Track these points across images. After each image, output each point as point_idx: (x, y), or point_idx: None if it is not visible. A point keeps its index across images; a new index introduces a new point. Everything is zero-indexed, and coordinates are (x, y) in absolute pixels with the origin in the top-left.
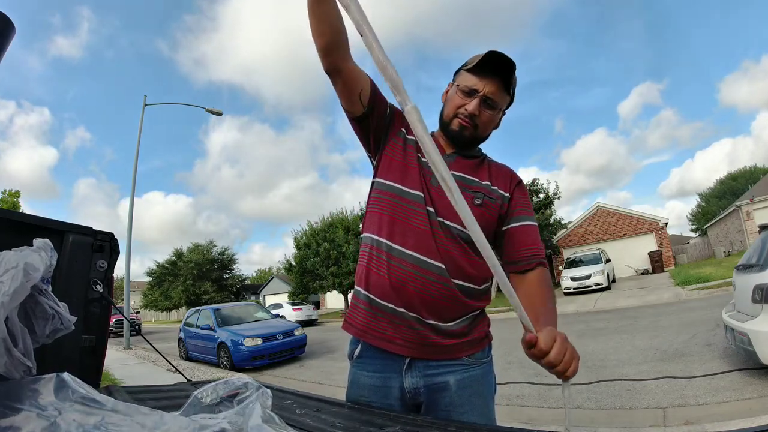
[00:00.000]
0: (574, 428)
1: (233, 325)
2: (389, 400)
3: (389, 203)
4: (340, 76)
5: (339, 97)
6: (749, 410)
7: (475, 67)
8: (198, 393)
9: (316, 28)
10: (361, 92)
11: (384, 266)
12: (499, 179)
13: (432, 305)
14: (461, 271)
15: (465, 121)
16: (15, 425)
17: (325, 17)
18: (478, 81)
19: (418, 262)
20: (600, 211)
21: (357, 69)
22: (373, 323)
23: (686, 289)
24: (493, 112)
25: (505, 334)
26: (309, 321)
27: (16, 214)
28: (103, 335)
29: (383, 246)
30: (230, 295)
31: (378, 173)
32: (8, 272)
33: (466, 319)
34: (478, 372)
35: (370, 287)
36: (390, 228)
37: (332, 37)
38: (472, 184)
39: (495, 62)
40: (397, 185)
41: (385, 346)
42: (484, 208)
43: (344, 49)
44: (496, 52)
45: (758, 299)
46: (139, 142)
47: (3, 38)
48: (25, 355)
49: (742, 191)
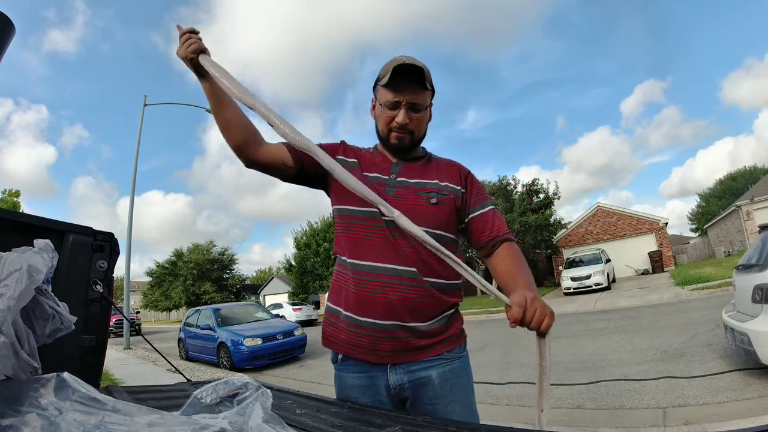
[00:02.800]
0: (574, 428)
1: (233, 325)
2: (378, 397)
3: (348, 225)
4: (259, 163)
5: (272, 176)
6: (749, 410)
7: (388, 83)
8: (198, 393)
9: (225, 132)
10: (283, 161)
11: (359, 284)
12: (448, 175)
13: (412, 308)
14: (432, 270)
15: (399, 132)
16: (16, 425)
17: (229, 121)
18: (396, 94)
19: (390, 271)
20: (600, 211)
21: (270, 147)
22: (355, 339)
23: (686, 289)
24: (421, 113)
25: (504, 334)
26: (309, 321)
27: (17, 214)
28: (103, 335)
29: (353, 266)
30: (230, 295)
31: (332, 202)
32: (12, 275)
33: (442, 318)
34: (458, 365)
35: (349, 305)
36: (355, 247)
37: (241, 137)
38: (424, 185)
39: (404, 73)
40: (350, 207)
41: (370, 359)
42: (440, 205)
43: (254, 143)
44: (401, 66)
45: (758, 299)
46: (138, 143)
47: (3, 38)
48: (31, 356)
49: (742, 191)
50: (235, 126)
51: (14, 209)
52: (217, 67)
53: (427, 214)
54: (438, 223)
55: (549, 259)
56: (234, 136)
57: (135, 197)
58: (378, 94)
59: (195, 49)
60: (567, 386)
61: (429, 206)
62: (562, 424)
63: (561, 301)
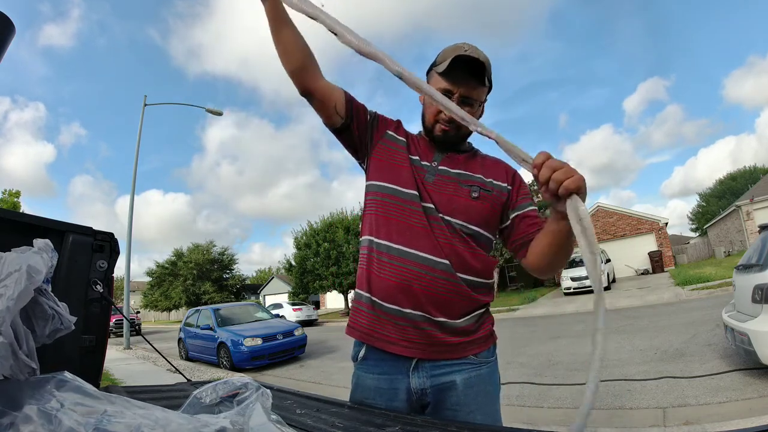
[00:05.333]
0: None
1: (233, 325)
2: (395, 403)
3: (384, 204)
4: (314, 96)
5: (318, 114)
6: (749, 410)
7: (445, 72)
8: (198, 393)
9: (283, 54)
10: (336, 105)
11: (386, 267)
12: (495, 172)
13: (440, 302)
14: (466, 265)
15: (446, 126)
16: (16, 424)
17: (289, 43)
18: (450, 84)
19: (421, 260)
20: (600, 212)
21: (329, 85)
22: (377, 326)
23: (686, 289)
24: (473, 107)
25: (505, 334)
26: (309, 321)
27: (17, 214)
28: (103, 335)
29: (383, 247)
30: (230, 295)
31: (369, 176)
32: (11, 276)
33: (473, 317)
34: (485, 371)
35: (373, 290)
36: (388, 228)
37: (300, 61)
38: (466, 178)
39: (463, 65)
40: (391, 185)
41: (391, 349)
42: (482, 200)
43: (313, 70)
44: (462, 56)
45: (758, 299)
46: (138, 143)
47: (3, 38)
48: (29, 357)
49: (742, 191)
50: (294, 47)
51: (14, 209)
52: None
53: (467, 207)
54: (478, 220)
55: None
56: (291, 59)
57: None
58: (431, 80)
59: None
60: (567, 386)
61: (470, 200)
62: (562, 424)
63: (561, 301)
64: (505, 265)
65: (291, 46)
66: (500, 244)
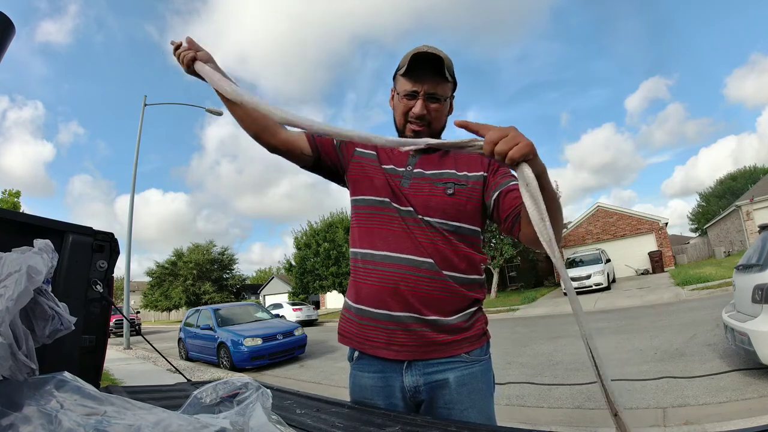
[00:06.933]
0: (574, 428)
1: (233, 325)
2: (392, 400)
3: (366, 215)
4: (280, 148)
5: (292, 163)
6: (749, 410)
7: (407, 72)
8: (198, 393)
9: (241, 124)
10: (302, 148)
11: (372, 274)
12: (467, 163)
13: (429, 300)
14: (450, 263)
15: (416, 124)
16: (15, 425)
17: (241, 118)
18: (414, 83)
19: (405, 261)
20: (600, 211)
21: (290, 135)
22: (367, 333)
23: (686, 289)
24: (440, 103)
25: (505, 334)
26: (309, 321)
27: (17, 214)
28: (103, 335)
29: (368, 256)
30: (230, 295)
31: (350, 194)
32: (11, 276)
33: (465, 314)
34: (477, 369)
35: (361, 297)
36: (371, 238)
37: (256, 127)
38: (441, 176)
39: (423, 61)
40: (367, 197)
41: (383, 354)
42: (457, 195)
43: (272, 130)
44: (420, 53)
45: (758, 299)
46: (138, 143)
47: (3, 38)
48: (28, 357)
49: (742, 191)
50: (247, 119)
51: (14, 209)
52: (212, 72)
53: (443, 204)
54: (456, 215)
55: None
56: (248, 128)
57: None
58: (397, 84)
59: (189, 61)
60: (567, 386)
61: (446, 197)
62: (562, 424)
63: (561, 301)
64: (505, 265)
65: (245, 119)
66: (500, 245)
